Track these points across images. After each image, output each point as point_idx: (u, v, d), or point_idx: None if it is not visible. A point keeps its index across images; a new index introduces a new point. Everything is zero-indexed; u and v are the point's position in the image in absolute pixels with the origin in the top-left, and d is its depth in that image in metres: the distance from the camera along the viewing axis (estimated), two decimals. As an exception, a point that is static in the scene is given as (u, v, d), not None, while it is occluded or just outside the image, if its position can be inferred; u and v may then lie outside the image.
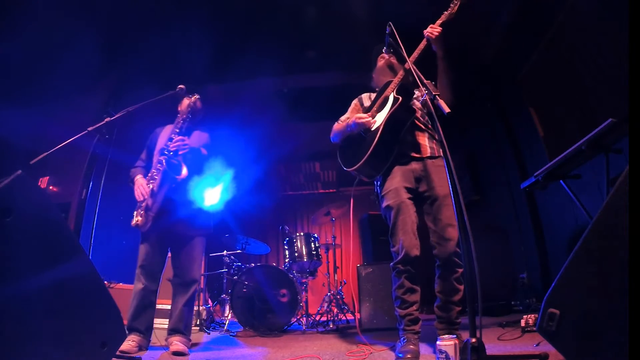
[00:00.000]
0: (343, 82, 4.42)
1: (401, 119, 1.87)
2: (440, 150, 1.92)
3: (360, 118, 1.90)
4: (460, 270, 1.74)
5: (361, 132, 1.92)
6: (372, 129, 1.87)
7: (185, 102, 2.43)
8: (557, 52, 3.13)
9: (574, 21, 2.86)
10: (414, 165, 1.88)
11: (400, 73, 1.91)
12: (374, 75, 2.17)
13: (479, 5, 3.51)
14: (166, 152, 2.23)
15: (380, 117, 1.87)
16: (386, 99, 1.91)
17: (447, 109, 1.44)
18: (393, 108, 1.83)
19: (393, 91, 1.89)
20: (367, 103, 2.15)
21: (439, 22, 1.90)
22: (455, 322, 1.75)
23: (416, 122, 1.96)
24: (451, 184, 1.38)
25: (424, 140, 1.94)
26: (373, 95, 2.15)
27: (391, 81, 1.94)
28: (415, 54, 1.87)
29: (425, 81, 1.60)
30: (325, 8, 3.61)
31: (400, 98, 1.83)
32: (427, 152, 1.91)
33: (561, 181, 2.30)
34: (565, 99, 3.10)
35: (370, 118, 1.89)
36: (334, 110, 2.25)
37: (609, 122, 1.79)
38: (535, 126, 3.54)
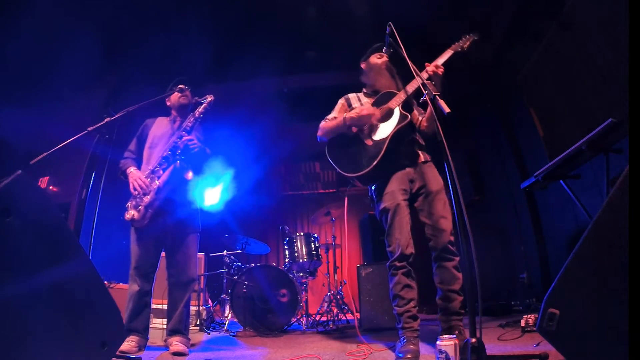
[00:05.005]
0: (343, 82, 4.40)
1: (405, 134, 1.93)
2: (430, 155, 2.02)
3: (364, 111, 1.92)
4: (457, 258, 1.78)
5: (360, 132, 1.95)
6: (377, 139, 1.91)
7: (175, 96, 2.40)
8: (557, 52, 3.13)
9: (574, 21, 2.86)
10: (408, 170, 1.95)
11: (406, 90, 1.92)
12: (370, 72, 2.17)
13: (479, 5, 3.51)
14: (178, 151, 2.19)
15: (386, 130, 1.91)
16: (390, 112, 1.95)
17: (447, 109, 1.45)
18: (401, 124, 1.88)
19: (399, 106, 1.93)
20: (356, 104, 2.15)
21: (449, 52, 1.93)
22: (459, 312, 1.74)
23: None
24: (451, 184, 1.38)
25: (417, 149, 2.01)
26: (362, 98, 2.19)
27: (394, 93, 1.97)
28: (411, 87, 1.91)
29: (425, 81, 1.60)
30: (325, 8, 3.61)
31: (409, 117, 1.89)
32: (421, 159, 1.99)
33: (561, 181, 2.31)
34: (565, 99, 3.09)
35: (374, 111, 1.92)
36: (334, 111, 2.25)
37: (609, 122, 1.80)
38: (535, 126, 3.54)
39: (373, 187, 2.03)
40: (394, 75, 2.10)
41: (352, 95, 2.22)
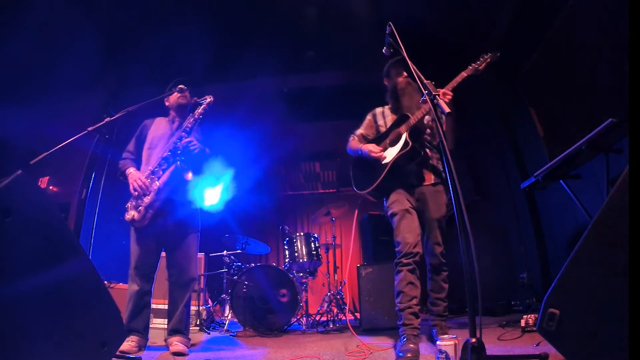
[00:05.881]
0: (343, 82, 4.42)
1: (408, 160, 2.04)
2: (442, 174, 2.12)
3: (373, 152, 2.10)
4: (445, 274, 2.04)
5: (371, 160, 2.12)
6: (383, 163, 2.07)
7: (174, 97, 2.39)
8: (557, 52, 3.13)
9: (574, 21, 2.85)
10: (416, 189, 2.08)
11: (417, 115, 1.99)
12: (393, 95, 2.23)
13: (479, 5, 3.51)
14: (178, 152, 2.19)
15: (391, 154, 2.06)
16: (399, 136, 2.06)
17: (447, 109, 1.45)
18: (403, 151, 2.00)
19: (406, 132, 2.02)
20: (380, 121, 2.28)
21: (463, 75, 1.96)
22: (443, 314, 2.03)
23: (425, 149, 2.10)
24: (451, 184, 1.38)
25: (426, 170, 2.11)
26: (387, 114, 2.28)
27: (408, 117, 2.05)
28: (418, 116, 1.99)
29: (425, 81, 1.61)
30: (325, 8, 3.61)
31: (410, 144, 1.99)
32: (431, 180, 2.09)
33: (561, 181, 2.31)
34: (565, 99, 3.09)
35: (382, 154, 2.09)
36: (334, 110, 2.27)
37: (609, 122, 1.80)
38: (535, 126, 3.54)
39: (385, 198, 2.16)
40: (412, 93, 2.15)
41: (378, 111, 2.33)
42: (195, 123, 2.31)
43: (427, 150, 2.13)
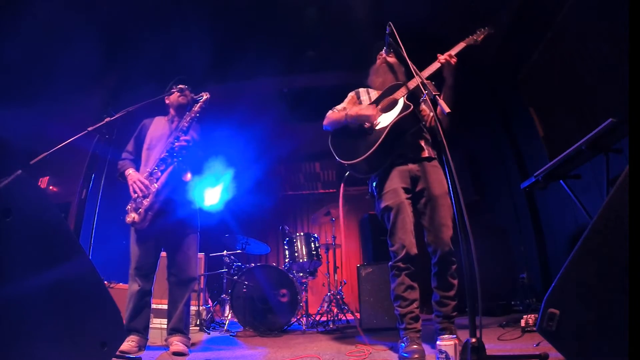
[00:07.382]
0: (343, 82, 4.40)
1: (408, 124, 1.89)
2: (436, 152, 1.98)
3: (362, 111, 1.90)
4: (454, 266, 1.79)
5: (362, 127, 1.91)
6: (377, 129, 1.87)
7: (175, 96, 2.38)
8: (557, 52, 3.13)
9: (574, 21, 2.86)
10: (411, 166, 1.91)
11: (407, 87, 1.90)
12: (371, 75, 2.19)
13: (479, 5, 3.51)
14: (175, 153, 2.18)
15: (387, 119, 1.88)
16: (395, 102, 1.92)
17: (447, 109, 1.45)
18: (403, 114, 1.84)
19: (404, 96, 1.89)
20: (364, 97, 2.15)
21: (461, 45, 1.91)
22: (452, 315, 1.79)
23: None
24: (451, 184, 1.38)
25: (422, 142, 1.97)
26: (371, 91, 2.17)
27: (400, 84, 1.94)
28: (426, 73, 1.87)
29: (426, 81, 1.61)
30: (325, 8, 3.62)
31: (412, 106, 1.85)
32: (425, 154, 1.94)
33: (561, 181, 2.31)
34: (565, 99, 3.10)
35: (375, 112, 1.89)
36: (334, 111, 2.25)
37: (609, 122, 1.80)
38: (535, 126, 3.54)
39: (374, 184, 1.98)
40: (394, 71, 2.08)
41: (362, 90, 2.22)
42: (192, 121, 2.29)
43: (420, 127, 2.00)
